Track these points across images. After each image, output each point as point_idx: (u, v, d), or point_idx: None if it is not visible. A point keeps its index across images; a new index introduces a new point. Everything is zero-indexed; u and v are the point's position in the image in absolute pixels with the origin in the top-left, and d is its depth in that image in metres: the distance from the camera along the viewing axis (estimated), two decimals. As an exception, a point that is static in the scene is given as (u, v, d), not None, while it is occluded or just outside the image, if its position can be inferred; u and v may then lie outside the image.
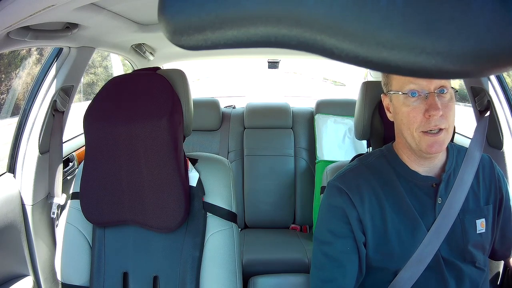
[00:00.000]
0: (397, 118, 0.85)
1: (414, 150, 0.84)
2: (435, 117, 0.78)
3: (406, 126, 0.82)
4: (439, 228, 0.85)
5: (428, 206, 0.87)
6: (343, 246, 0.87)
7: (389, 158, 0.91)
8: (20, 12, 0.72)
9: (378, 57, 0.24)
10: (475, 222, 0.88)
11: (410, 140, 0.83)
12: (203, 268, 1.00)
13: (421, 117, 0.79)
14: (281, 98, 3.15)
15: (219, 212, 1.03)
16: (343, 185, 0.89)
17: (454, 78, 0.26)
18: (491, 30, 0.23)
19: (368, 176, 0.89)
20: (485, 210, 0.89)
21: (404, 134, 0.84)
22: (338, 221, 0.88)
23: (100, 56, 4.52)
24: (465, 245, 0.87)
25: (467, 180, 0.87)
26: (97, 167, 1.01)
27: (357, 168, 0.93)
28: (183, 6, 0.26)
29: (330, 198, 0.91)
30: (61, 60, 1.28)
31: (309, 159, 2.18)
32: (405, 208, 0.87)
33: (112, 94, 1.03)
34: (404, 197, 0.87)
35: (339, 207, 0.88)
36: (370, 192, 0.87)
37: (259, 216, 2.12)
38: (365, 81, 1.23)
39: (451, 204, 0.86)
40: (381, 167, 0.91)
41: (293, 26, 0.25)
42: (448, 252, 0.87)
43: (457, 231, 0.87)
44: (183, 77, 1.06)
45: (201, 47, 0.27)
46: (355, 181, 0.89)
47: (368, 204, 0.87)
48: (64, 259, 1.04)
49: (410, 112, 0.81)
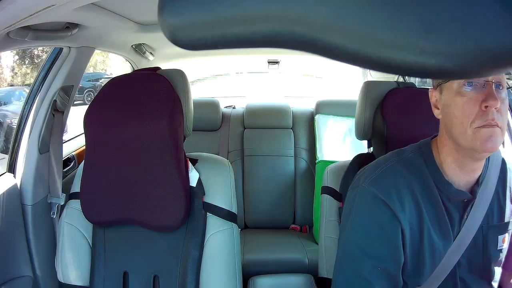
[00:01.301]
0: (448, 112, 0.75)
1: (465, 150, 0.74)
2: (492, 109, 0.70)
3: (459, 120, 0.72)
4: (460, 243, 0.78)
5: (455, 220, 0.79)
6: (374, 266, 0.77)
7: (426, 157, 0.81)
8: (20, 12, 0.72)
9: (378, 57, 0.24)
10: (497, 238, 0.81)
11: (461, 139, 0.73)
12: (203, 268, 1.00)
13: (477, 109, 0.70)
14: (281, 98, 3.15)
15: (219, 212, 1.03)
16: (381, 193, 0.77)
17: (454, 78, 0.26)
18: (491, 30, 0.23)
19: (406, 176, 0.79)
20: (509, 225, 0.83)
21: (454, 132, 0.73)
22: (372, 239, 0.78)
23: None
24: (485, 261, 0.81)
25: (490, 194, 0.80)
26: (97, 167, 1.01)
27: (393, 167, 0.81)
28: (183, 6, 0.26)
29: (364, 208, 0.79)
30: (61, 60, 1.28)
31: (309, 159, 2.17)
32: (441, 218, 0.78)
33: (112, 94, 1.03)
34: (441, 206, 0.78)
35: (376, 222, 0.77)
36: (409, 196, 0.77)
37: (259, 216, 2.12)
38: (366, 81, 1.23)
39: (474, 218, 0.79)
40: (419, 165, 0.80)
41: (293, 26, 0.25)
42: (466, 269, 0.81)
43: (478, 246, 0.80)
44: (183, 77, 1.06)
45: (201, 47, 0.27)
46: (393, 185, 0.78)
47: (408, 210, 0.77)
48: (64, 259, 1.04)
49: (466, 103, 0.71)
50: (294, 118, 2.26)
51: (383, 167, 0.82)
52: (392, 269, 0.78)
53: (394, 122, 1.10)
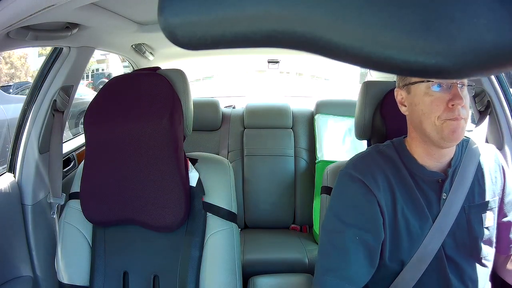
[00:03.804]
0: (416, 109, 0.85)
1: (434, 140, 0.84)
2: (458, 107, 0.80)
3: (427, 116, 0.83)
4: (442, 224, 0.86)
5: (433, 201, 0.88)
6: (352, 235, 0.85)
7: (399, 149, 0.92)
8: (20, 12, 0.72)
9: (378, 57, 0.24)
10: (481, 217, 0.89)
11: (430, 130, 0.83)
12: (203, 268, 1.00)
13: (444, 106, 0.81)
14: (281, 98, 3.15)
15: (219, 212, 1.03)
16: (357, 172, 0.89)
17: (455, 78, 0.26)
18: (491, 30, 0.23)
19: (380, 162, 0.90)
20: (492, 203, 0.90)
21: (424, 125, 0.84)
22: (349, 209, 0.88)
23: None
24: (471, 240, 0.87)
25: (468, 177, 0.89)
26: (97, 167, 1.01)
27: (369, 155, 0.93)
28: (183, 6, 0.26)
29: (342, 187, 0.91)
30: (61, 60, 1.28)
31: (309, 159, 2.17)
32: (415, 198, 0.87)
33: (112, 94, 1.03)
34: (413, 188, 0.88)
35: (352, 195, 0.88)
36: (383, 178, 0.88)
37: (259, 216, 2.12)
38: (365, 81, 1.23)
39: (453, 200, 0.87)
40: (392, 155, 0.91)
41: (294, 26, 0.25)
42: (454, 249, 0.87)
43: (463, 226, 0.87)
44: (183, 77, 1.06)
45: (201, 46, 0.27)
46: (367, 168, 0.89)
47: (382, 189, 0.87)
48: (64, 259, 1.04)
49: (433, 102, 0.82)
50: (294, 118, 2.25)
51: (360, 155, 0.95)
52: (371, 240, 0.85)
53: (393, 122, 1.10)
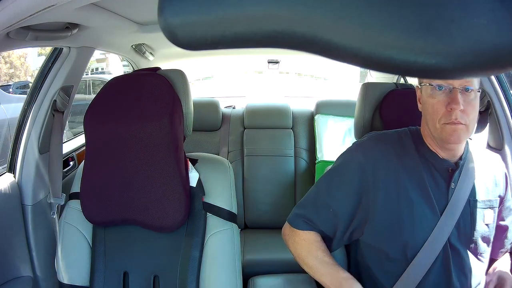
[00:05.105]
0: (424, 108, 0.91)
1: (436, 140, 0.90)
2: (455, 111, 0.84)
3: (431, 117, 0.88)
4: (451, 212, 0.89)
5: (442, 189, 0.91)
6: (330, 202, 0.95)
7: (414, 135, 0.96)
8: (20, 12, 0.72)
9: (378, 57, 0.24)
10: (483, 213, 0.92)
11: (433, 130, 0.89)
12: (203, 268, 1.00)
13: (444, 109, 0.85)
14: (280, 98, 3.15)
15: (219, 212, 1.03)
16: (361, 154, 0.95)
17: (454, 78, 0.26)
18: (491, 30, 0.23)
19: (387, 145, 0.95)
20: (493, 202, 0.94)
21: (429, 124, 0.90)
22: (339, 177, 0.96)
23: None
24: (472, 233, 0.91)
25: (472, 172, 0.93)
26: (97, 167, 1.01)
27: (377, 137, 0.99)
28: (183, 6, 0.26)
29: (344, 156, 0.99)
30: (61, 60, 1.28)
31: (309, 159, 2.17)
32: (421, 182, 0.91)
33: (112, 94, 1.03)
34: (422, 172, 0.92)
35: (347, 167, 0.96)
36: (386, 161, 0.93)
37: (259, 216, 2.12)
38: (365, 83, 1.24)
39: (461, 190, 0.91)
40: (405, 139, 0.96)
41: (294, 26, 0.25)
42: (457, 239, 0.90)
43: (466, 218, 0.91)
44: (183, 77, 1.06)
45: (201, 47, 0.27)
46: (370, 152, 0.95)
47: (383, 172, 0.92)
48: (64, 259, 1.04)
49: (435, 104, 0.87)
50: (294, 118, 2.25)
51: (369, 136, 1.01)
52: (340, 215, 0.94)
53: (392, 123, 1.10)
